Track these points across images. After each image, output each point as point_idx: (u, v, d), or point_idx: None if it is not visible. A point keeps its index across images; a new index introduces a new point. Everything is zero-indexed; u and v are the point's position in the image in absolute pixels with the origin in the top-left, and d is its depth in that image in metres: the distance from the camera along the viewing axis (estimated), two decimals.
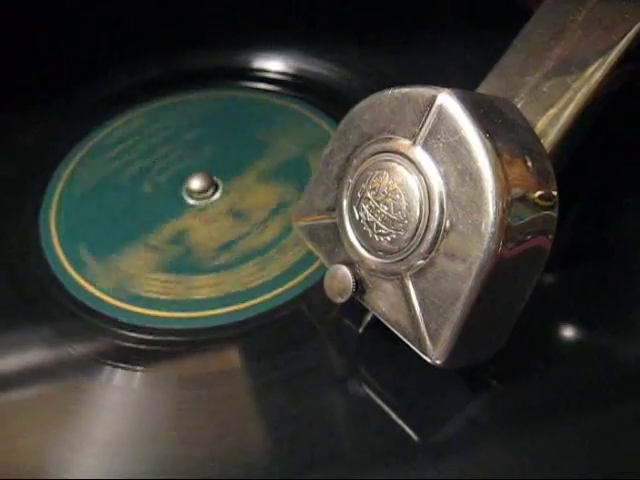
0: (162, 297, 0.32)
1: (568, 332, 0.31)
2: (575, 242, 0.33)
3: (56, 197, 0.38)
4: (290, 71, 0.44)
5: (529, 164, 0.24)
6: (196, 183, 0.37)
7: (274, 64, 0.44)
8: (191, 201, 0.37)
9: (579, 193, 0.35)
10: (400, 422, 0.28)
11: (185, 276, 0.33)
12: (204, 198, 0.37)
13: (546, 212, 0.24)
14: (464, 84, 0.28)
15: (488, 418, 0.28)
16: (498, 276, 0.23)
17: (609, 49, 0.28)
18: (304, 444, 0.27)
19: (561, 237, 0.32)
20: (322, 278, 0.28)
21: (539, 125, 0.27)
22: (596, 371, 0.29)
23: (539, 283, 0.31)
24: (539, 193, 0.24)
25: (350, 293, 0.27)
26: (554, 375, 0.29)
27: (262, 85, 0.43)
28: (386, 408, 0.28)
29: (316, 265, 0.33)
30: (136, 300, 0.32)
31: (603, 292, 0.32)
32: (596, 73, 0.28)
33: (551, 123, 0.27)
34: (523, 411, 0.28)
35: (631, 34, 0.28)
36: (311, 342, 0.31)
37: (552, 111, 0.28)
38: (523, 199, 0.23)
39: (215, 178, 0.37)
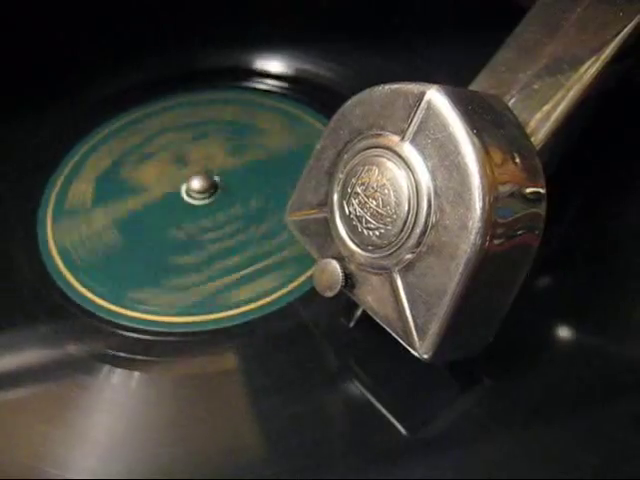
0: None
1: (563, 331, 0.31)
2: (572, 241, 0.33)
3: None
4: (290, 71, 0.44)
5: (517, 160, 0.24)
6: (196, 183, 0.37)
7: (274, 64, 0.44)
8: (191, 201, 0.37)
9: (577, 192, 0.35)
10: (394, 420, 0.28)
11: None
12: (204, 198, 0.37)
13: (534, 209, 0.24)
14: (461, 83, 0.29)
15: (482, 416, 0.28)
16: (485, 271, 0.24)
17: (602, 47, 0.28)
18: (301, 444, 0.27)
19: (558, 236, 0.33)
20: None
21: (530, 123, 0.27)
22: (591, 370, 0.29)
23: (534, 282, 0.31)
24: (527, 190, 0.24)
25: (339, 287, 0.27)
26: (549, 373, 0.29)
27: (262, 85, 0.44)
28: (380, 407, 0.28)
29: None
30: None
31: (599, 291, 0.31)
32: (589, 71, 0.28)
33: (542, 121, 0.27)
34: (516, 409, 0.28)
35: (625, 32, 0.28)
36: (308, 342, 0.31)
37: (544, 109, 0.28)
38: (510, 195, 0.23)
39: (215, 178, 0.38)
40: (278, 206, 0.36)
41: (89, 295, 0.33)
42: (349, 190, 0.27)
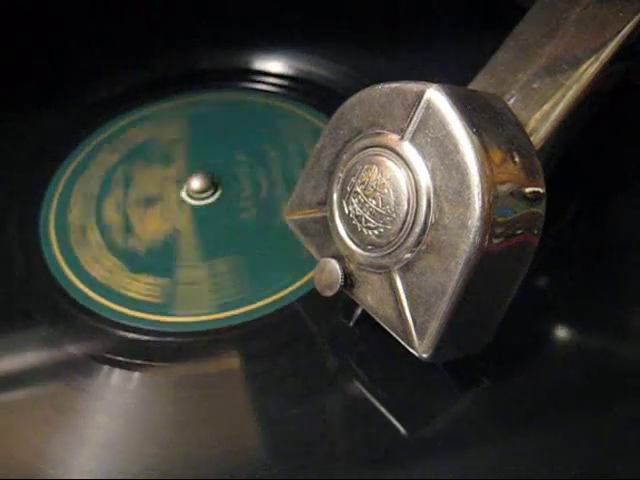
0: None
1: (562, 331, 0.31)
2: (571, 241, 0.33)
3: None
4: (290, 71, 0.44)
5: (516, 160, 0.24)
6: (196, 183, 0.37)
7: (274, 64, 0.44)
8: (191, 201, 0.37)
9: (577, 192, 0.35)
10: (393, 420, 0.28)
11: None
12: (204, 198, 0.37)
13: (533, 208, 0.24)
14: (460, 82, 0.29)
15: (481, 416, 0.28)
16: (484, 271, 0.24)
17: (602, 47, 0.28)
18: (301, 445, 0.27)
19: (557, 236, 0.33)
20: None
21: (530, 122, 0.27)
22: (591, 370, 0.29)
23: (534, 282, 0.31)
24: (526, 189, 0.24)
25: (338, 286, 0.27)
26: (548, 374, 0.29)
27: (262, 85, 0.44)
28: (380, 407, 0.28)
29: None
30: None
31: (599, 291, 0.31)
32: (588, 71, 0.28)
33: (542, 120, 0.27)
34: (516, 409, 0.28)
35: (624, 32, 0.28)
36: (308, 343, 0.31)
37: (543, 108, 0.28)
38: (509, 194, 0.23)
39: (215, 178, 0.38)
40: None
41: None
42: (349, 189, 0.27)
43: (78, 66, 0.44)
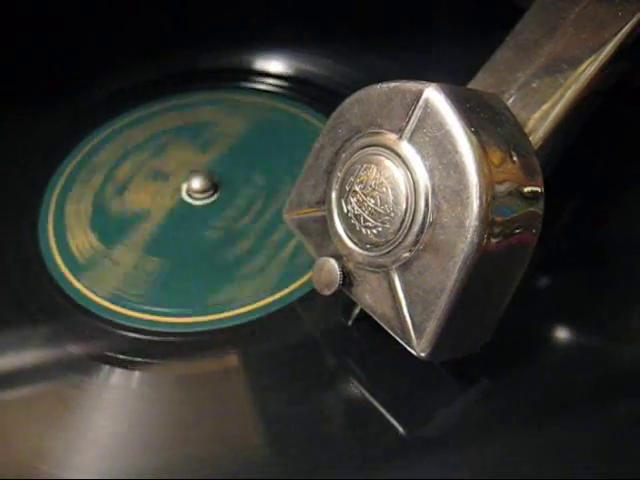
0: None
1: (562, 331, 0.31)
2: (570, 241, 0.33)
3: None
4: (290, 71, 0.44)
5: (515, 159, 0.24)
6: (196, 183, 0.37)
7: (274, 64, 0.44)
8: (191, 201, 0.37)
9: (576, 192, 0.35)
10: (392, 420, 0.28)
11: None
12: (204, 198, 0.37)
13: (531, 208, 0.24)
14: (460, 82, 0.29)
15: (481, 416, 0.28)
16: (482, 270, 0.24)
17: (601, 47, 0.28)
18: (301, 444, 0.27)
19: (555, 238, 0.33)
20: None
21: (529, 122, 0.27)
22: (590, 370, 0.29)
23: (533, 282, 0.31)
24: (524, 188, 0.24)
25: (337, 286, 0.27)
26: (548, 374, 0.29)
27: (262, 85, 0.44)
28: (379, 407, 0.28)
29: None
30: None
31: (598, 291, 0.31)
32: (587, 71, 0.28)
33: (541, 120, 0.27)
34: (515, 409, 0.28)
35: (623, 32, 0.28)
36: (307, 342, 0.31)
37: (542, 108, 0.28)
38: (508, 194, 0.23)
39: (215, 178, 0.38)
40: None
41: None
42: (347, 188, 0.27)
43: (78, 66, 0.44)
